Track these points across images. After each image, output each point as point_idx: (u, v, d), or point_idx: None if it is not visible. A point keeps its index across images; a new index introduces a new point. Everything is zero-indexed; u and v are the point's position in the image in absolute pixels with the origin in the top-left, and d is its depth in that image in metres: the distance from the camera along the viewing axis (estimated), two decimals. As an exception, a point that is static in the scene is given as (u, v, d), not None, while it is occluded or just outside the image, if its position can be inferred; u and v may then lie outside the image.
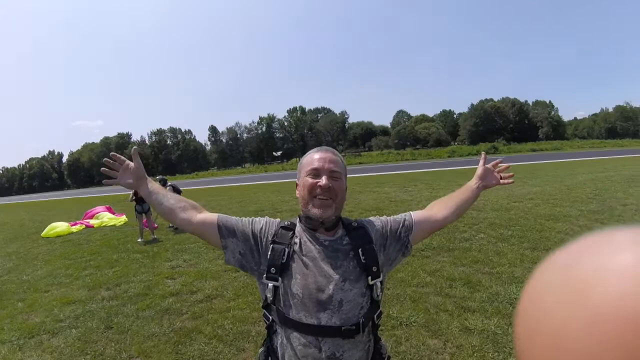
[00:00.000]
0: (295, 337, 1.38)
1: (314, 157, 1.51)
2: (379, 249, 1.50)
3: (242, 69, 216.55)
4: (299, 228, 1.53)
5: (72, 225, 14.15)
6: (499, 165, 1.94)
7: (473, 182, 1.85)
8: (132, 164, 1.66)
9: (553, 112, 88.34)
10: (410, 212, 1.69)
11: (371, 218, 1.63)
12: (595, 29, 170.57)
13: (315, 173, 1.46)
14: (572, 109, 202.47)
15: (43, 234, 13.40)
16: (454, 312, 4.45)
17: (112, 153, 1.66)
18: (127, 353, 4.30)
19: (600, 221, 8.22)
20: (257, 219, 1.60)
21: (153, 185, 1.66)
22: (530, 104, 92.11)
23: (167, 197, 1.63)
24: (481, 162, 1.88)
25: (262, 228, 1.54)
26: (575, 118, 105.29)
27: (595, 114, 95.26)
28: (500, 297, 4.73)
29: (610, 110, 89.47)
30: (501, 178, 1.90)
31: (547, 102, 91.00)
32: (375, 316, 1.46)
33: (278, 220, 1.60)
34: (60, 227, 13.72)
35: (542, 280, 0.31)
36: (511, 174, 1.92)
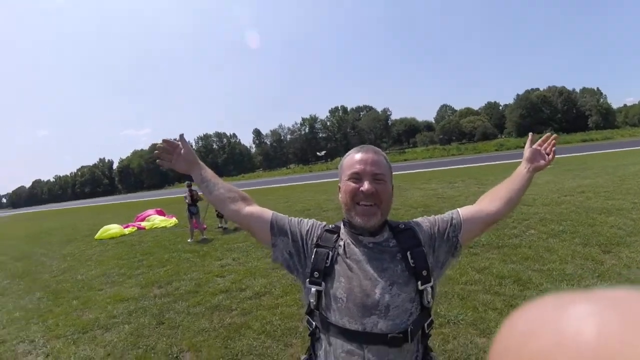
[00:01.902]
0: (339, 343, 1.30)
1: (355, 158, 1.40)
2: (428, 252, 1.40)
3: (284, 71, 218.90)
4: (343, 231, 1.46)
5: (124, 228, 14.72)
6: (547, 143, 1.76)
7: (522, 167, 1.70)
8: (183, 149, 1.63)
9: (602, 100, 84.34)
10: (458, 209, 1.57)
11: (418, 219, 1.53)
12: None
13: (357, 177, 1.35)
14: (621, 95, 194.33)
15: (96, 236, 14.01)
16: (503, 311, 4.35)
17: (164, 138, 1.63)
18: (178, 347, 4.45)
19: (655, 214, 7.82)
20: (305, 220, 1.55)
21: (206, 172, 1.65)
22: (578, 91, 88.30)
23: (218, 186, 1.62)
24: (528, 144, 1.75)
25: (309, 230, 1.49)
26: (625, 105, 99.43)
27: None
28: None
29: None
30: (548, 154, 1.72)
31: (595, 89, 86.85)
32: (425, 325, 1.36)
33: (324, 223, 1.54)
34: (113, 229, 14.30)
35: (501, 349, 0.29)
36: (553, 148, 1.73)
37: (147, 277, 7.66)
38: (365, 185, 1.33)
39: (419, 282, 1.33)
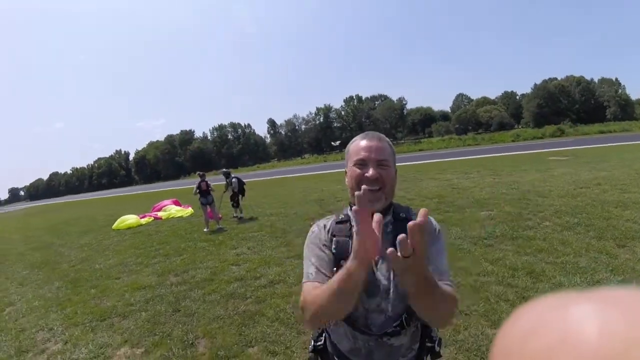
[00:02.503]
0: (346, 324, 1.40)
1: (360, 145, 1.44)
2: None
3: (299, 61, 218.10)
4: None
5: (141, 218, 14.99)
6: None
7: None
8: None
9: (620, 90, 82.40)
10: (445, 278, 1.35)
11: (433, 222, 1.48)
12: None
13: (363, 163, 1.40)
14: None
15: (114, 226, 14.30)
16: (515, 302, 4.35)
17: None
18: (194, 334, 4.55)
19: (673, 208, 7.72)
20: (312, 237, 1.51)
21: (360, 280, 1.14)
22: (596, 82, 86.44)
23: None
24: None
25: (317, 241, 1.47)
26: None
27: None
28: (564, 288, 4.57)
29: None
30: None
31: (614, 79, 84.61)
32: None
33: (328, 220, 1.55)
34: (130, 219, 14.58)
35: (503, 348, 0.29)
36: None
37: (164, 266, 7.81)
38: (370, 171, 1.37)
39: None
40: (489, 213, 8.77)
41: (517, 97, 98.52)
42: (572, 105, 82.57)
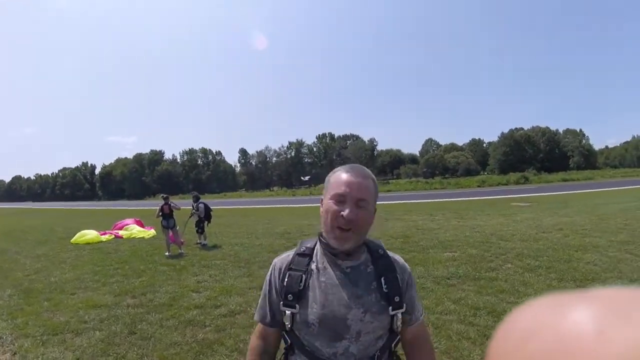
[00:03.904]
0: None
1: (342, 178, 1.36)
2: (402, 284, 1.42)
3: (273, 93, 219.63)
4: (318, 250, 1.45)
5: (101, 234, 14.56)
6: None
7: None
8: None
9: (584, 141, 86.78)
10: (422, 317, 1.50)
11: (401, 262, 1.51)
12: (624, 57, 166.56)
13: (341, 200, 1.32)
14: (603, 136, 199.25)
15: (73, 240, 13.84)
16: (477, 340, 4.40)
17: None
18: (149, 358, 4.41)
19: (629, 252, 8.01)
20: (267, 275, 1.51)
21: None
22: (561, 132, 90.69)
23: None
24: None
25: (272, 276, 1.48)
26: (607, 146, 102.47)
27: (627, 142, 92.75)
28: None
29: None
30: None
31: (578, 130, 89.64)
32: (393, 344, 1.42)
33: (289, 253, 1.52)
34: (90, 234, 14.14)
35: (499, 349, 0.28)
36: None
37: (122, 286, 7.56)
38: (346, 212, 1.30)
39: (390, 308, 1.36)
40: (452, 254, 8.88)
41: (484, 145, 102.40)
42: (537, 154, 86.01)
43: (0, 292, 7.43)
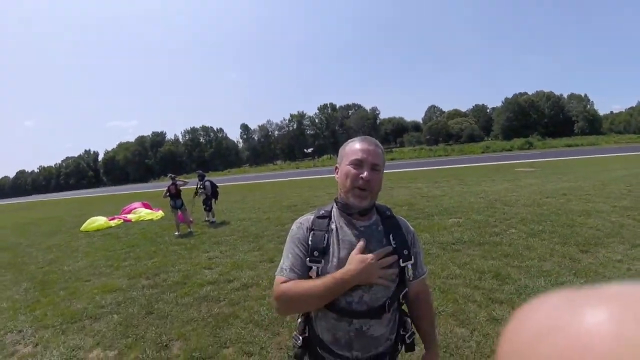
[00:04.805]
0: (329, 315, 1.50)
1: (358, 147, 1.55)
2: (408, 242, 1.60)
3: (273, 66, 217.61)
4: (335, 212, 1.62)
5: (110, 220, 14.73)
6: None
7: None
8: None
9: (589, 106, 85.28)
10: (425, 274, 1.70)
11: (406, 223, 1.69)
12: (630, 19, 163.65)
13: (358, 164, 1.51)
14: (608, 102, 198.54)
15: (82, 228, 14.03)
16: (482, 303, 4.54)
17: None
18: (167, 336, 4.54)
19: (632, 217, 8.08)
20: (291, 235, 1.62)
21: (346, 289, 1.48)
22: (566, 97, 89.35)
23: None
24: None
25: (299, 236, 1.58)
26: (612, 112, 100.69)
27: (632, 108, 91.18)
28: (528, 290, 4.79)
29: None
30: None
31: (583, 95, 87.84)
32: (401, 295, 1.57)
33: (309, 215, 1.66)
34: (99, 221, 14.31)
35: (510, 350, 0.28)
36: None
37: (135, 269, 7.72)
38: (365, 173, 1.49)
39: (401, 260, 1.54)
40: (457, 220, 9.02)
41: (488, 110, 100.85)
42: (541, 119, 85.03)
43: (16, 286, 7.52)
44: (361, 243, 1.48)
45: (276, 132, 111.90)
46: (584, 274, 5.23)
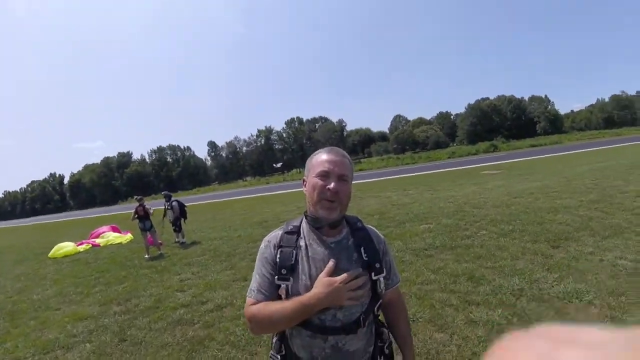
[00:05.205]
0: (303, 333, 1.48)
1: (324, 157, 1.53)
2: (379, 252, 1.58)
3: (238, 83, 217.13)
4: (304, 227, 1.59)
5: (78, 245, 14.31)
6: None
7: None
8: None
9: (549, 107, 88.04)
10: (398, 282, 1.70)
11: (376, 232, 1.68)
12: (587, 19, 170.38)
13: (325, 175, 1.48)
14: (568, 101, 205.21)
15: (50, 254, 13.55)
16: (459, 306, 4.56)
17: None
18: (143, 364, 4.40)
19: (600, 209, 8.35)
20: (260, 255, 1.60)
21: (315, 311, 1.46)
22: (527, 100, 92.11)
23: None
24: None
25: (266, 255, 1.56)
26: (572, 111, 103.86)
27: (592, 105, 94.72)
28: (503, 289, 4.85)
29: (607, 100, 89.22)
30: None
31: (543, 96, 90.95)
32: (375, 308, 1.56)
33: (277, 231, 1.63)
34: (66, 247, 13.87)
35: None
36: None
37: (106, 295, 7.49)
38: (332, 185, 1.46)
39: (372, 273, 1.52)
40: (428, 226, 9.11)
41: (452, 117, 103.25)
42: (504, 122, 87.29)
43: None
44: (330, 264, 1.45)
45: (244, 148, 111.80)
46: (557, 269, 5.34)
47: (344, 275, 1.42)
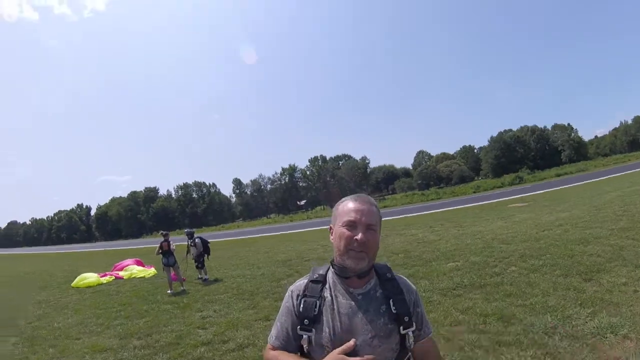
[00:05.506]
0: None
1: (350, 206, 1.50)
2: (410, 304, 1.52)
3: (262, 121, 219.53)
4: (330, 277, 1.55)
5: (101, 277, 14.44)
6: None
7: None
8: None
9: (573, 134, 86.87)
10: (430, 334, 1.63)
11: (407, 282, 1.62)
12: (605, 45, 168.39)
13: (352, 225, 1.45)
14: (591, 127, 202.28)
15: (73, 284, 13.74)
16: (490, 348, 4.35)
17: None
18: (161, 402, 4.29)
19: (631, 237, 8.09)
20: (283, 302, 1.61)
21: None
22: (550, 128, 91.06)
23: None
24: None
25: (288, 305, 1.56)
26: (596, 136, 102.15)
27: (615, 129, 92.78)
28: (535, 328, 4.64)
29: (630, 122, 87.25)
30: None
31: (566, 124, 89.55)
32: None
33: (303, 280, 1.60)
34: (90, 277, 14.04)
35: None
36: None
37: (126, 328, 7.45)
38: (359, 236, 1.42)
39: (401, 327, 1.46)
40: (455, 264, 8.85)
41: (475, 150, 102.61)
42: (528, 153, 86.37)
43: (3, 341, 7.29)
44: (350, 344, 1.38)
45: (269, 186, 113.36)
46: (590, 303, 5.12)
47: (356, 359, 1.35)
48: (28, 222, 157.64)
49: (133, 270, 15.42)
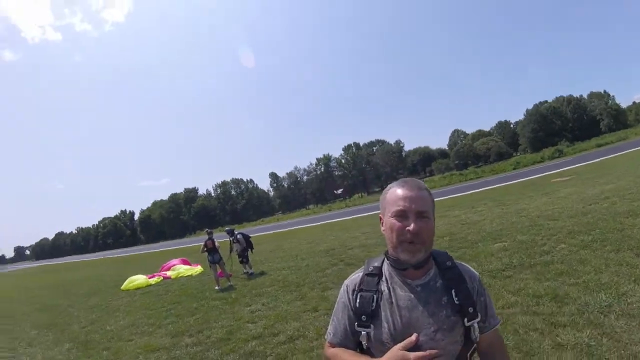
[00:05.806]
0: None
1: (399, 194, 1.38)
2: (473, 293, 1.42)
3: (292, 112, 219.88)
4: (386, 269, 1.46)
5: (149, 278, 14.85)
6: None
7: None
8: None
9: (610, 101, 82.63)
10: (497, 325, 1.52)
11: (469, 269, 1.52)
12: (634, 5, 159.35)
13: (402, 214, 1.34)
14: (629, 93, 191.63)
15: (122, 287, 14.21)
16: (544, 330, 4.24)
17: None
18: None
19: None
20: (339, 297, 1.54)
21: None
22: (586, 97, 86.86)
23: None
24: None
25: (344, 301, 1.50)
26: (634, 102, 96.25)
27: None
28: (590, 307, 4.48)
29: None
30: None
31: (602, 92, 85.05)
32: (468, 354, 1.41)
33: (358, 273, 1.53)
34: (138, 279, 14.46)
35: None
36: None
37: (177, 327, 7.64)
38: (412, 226, 1.31)
39: (465, 319, 1.36)
40: (502, 244, 8.64)
41: (512, 125, 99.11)
42: (566, 125, 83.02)
43: (59, 346, 7.59)
44: (412, 338, 1.29)
45: (305, 177, 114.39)
46: (644, 279, 4.89)
47: (419, 354, 1.25)
48: (74, 232, 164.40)
49: (180, 269, 15.78)
